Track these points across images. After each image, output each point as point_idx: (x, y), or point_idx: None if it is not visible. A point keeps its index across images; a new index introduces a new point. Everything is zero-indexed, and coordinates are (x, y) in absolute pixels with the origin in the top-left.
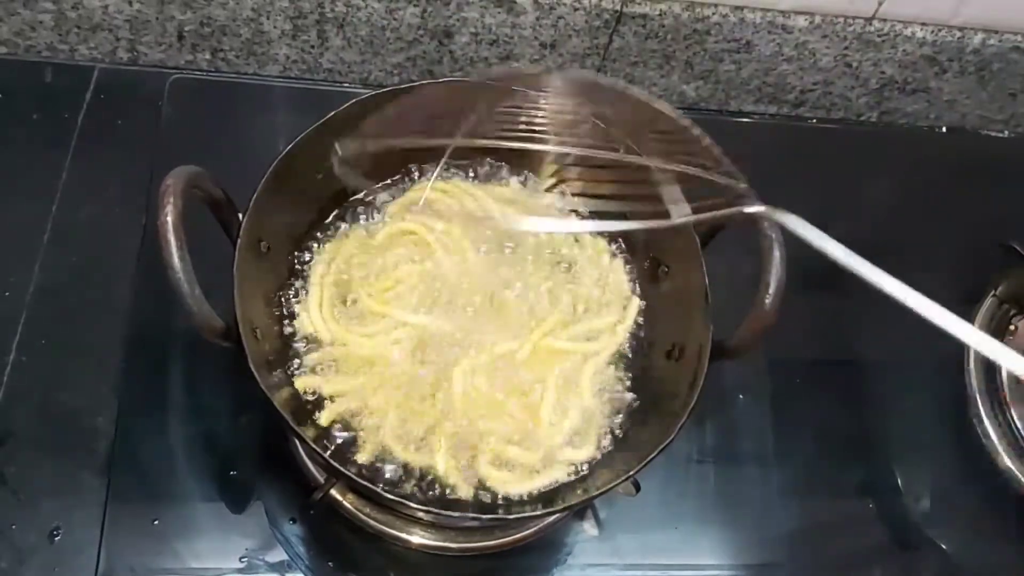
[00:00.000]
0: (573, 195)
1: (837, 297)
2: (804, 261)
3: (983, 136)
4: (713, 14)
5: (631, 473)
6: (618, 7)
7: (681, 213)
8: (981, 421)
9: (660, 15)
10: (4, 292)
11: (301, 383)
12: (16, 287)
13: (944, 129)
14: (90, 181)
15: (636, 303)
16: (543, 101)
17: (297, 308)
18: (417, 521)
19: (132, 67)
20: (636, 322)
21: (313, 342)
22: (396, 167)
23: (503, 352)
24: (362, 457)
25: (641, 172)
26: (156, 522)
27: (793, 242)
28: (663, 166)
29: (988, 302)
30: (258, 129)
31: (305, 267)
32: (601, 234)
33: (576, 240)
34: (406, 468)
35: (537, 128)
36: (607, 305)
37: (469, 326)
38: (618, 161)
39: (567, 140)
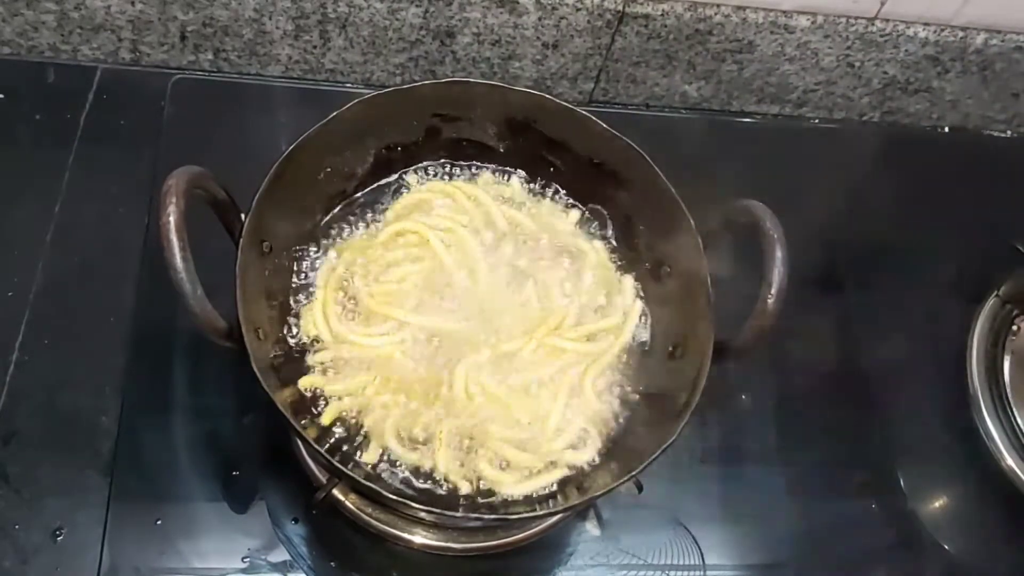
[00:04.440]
0: None
1: (840, 297)
2: (807, 261)
3: (986, 136)
4: (715, 14)
5: (633, 473)
6: (620, 7)
7: None
8: (983, 422)
9: (662, 15)
10: (7, 292)
11: (303, 383)
12: (19, 287)
13: (947, 129)
14: (93, 181)
15: (638, 306)
16: None
17: (300, 308)
18: (419, 521)
19: (134, 67)
20: (639, 322)
21: (316, 342)
22: (399, 167)
23: (506, 351)
24: (364, 457)
25: None
26: (159, 522)
27: (796, 242)
28: None
29: (991, 302)
30: (260, 129)
31: (308, 267)
32: (601, 237)
33: (580, 241)
34: (408, 468)
35: None
36: (610, 306)
37: (472, 325)
38: None
39: None
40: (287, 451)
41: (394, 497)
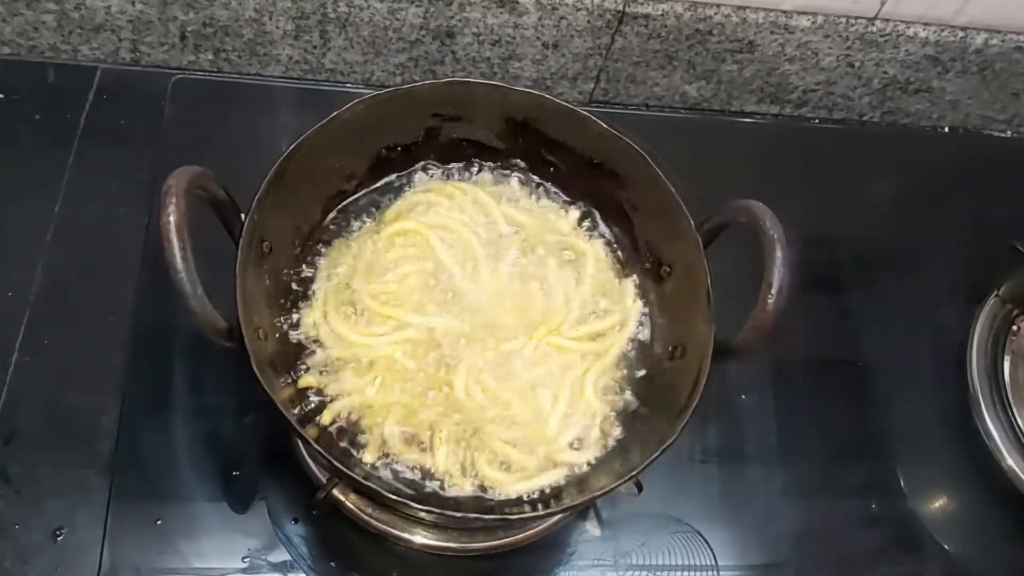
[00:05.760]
0: None
1: (840, 297)
2: (806, 261)
3: (985, 136)
4: (716, 14)
5: (633, 473)
6: (621, 7)
7: None
8: (984, 421)
9: (662, 15)
10: (7, 292)
11: (304, 383)
12: (19, 287)
13: (946, 129)
14: (93, 181)
15: (639, 306)
16: None
17: (301, 308)
18: (419, 521)
19: (135, 67)
20: (639, 322)
21: (316, 342)
22: (399, 167)
23: (507, 351)
24: (364, 457)
25: None
26: (159, 522)
27: (795, 242)
28: None
29: (991, 302)
30: (260, 129)
31: (308, 267)
32: (601, 237)
33: (580, 240)
34: (408, 467)
35: None
36: (610, 306)
37: (472, 325)
38: None
39: None
40: (287, 451)
41: (394, 497)
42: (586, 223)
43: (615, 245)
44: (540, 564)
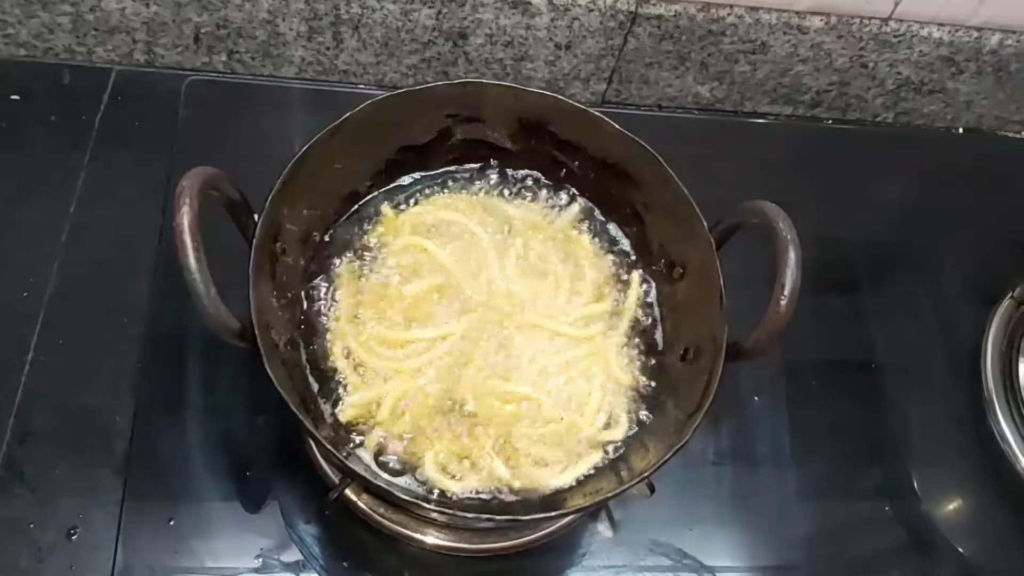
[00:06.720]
0: None
1: (853, 298)
2: (820, 262)
3: (1000, 137)
4: (728, 15)
5: (643, 476)
6: (633, 8)
7: None
8: (998, 423)
9: (675, 16)
10: (23, 292)
11: (313, 384)
12: (34, 287)
13: (961, 130)
14: (107, 182)
15: (639, 303)
16: None
17: (313, 308)
18: (431, 522)
19: (149, 69)
20: (643, 320)
21: (326, 343)
22: (411, 168)
23: (510, 349)
24: (369, 457)
25: None
26: (172, 521)
27: (808, 244)
28: None
29: (1006, 304)
30: (274, 130)
31: (319, 269)
32: (611, 238)
33: (586, 239)
34: (417, 467)
35: None
36: (614, 304)
37: (476, 323)
38: None
39: None
40: (300, 451)
41: (405, 497)
42: (597, 224)
43: (625, 245)
44: (552, 565)
